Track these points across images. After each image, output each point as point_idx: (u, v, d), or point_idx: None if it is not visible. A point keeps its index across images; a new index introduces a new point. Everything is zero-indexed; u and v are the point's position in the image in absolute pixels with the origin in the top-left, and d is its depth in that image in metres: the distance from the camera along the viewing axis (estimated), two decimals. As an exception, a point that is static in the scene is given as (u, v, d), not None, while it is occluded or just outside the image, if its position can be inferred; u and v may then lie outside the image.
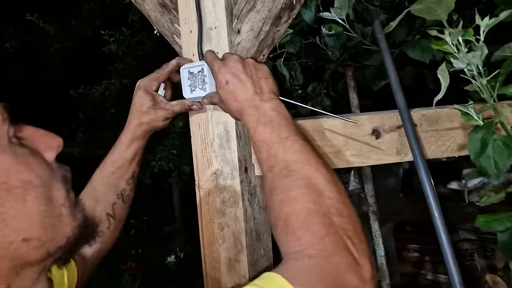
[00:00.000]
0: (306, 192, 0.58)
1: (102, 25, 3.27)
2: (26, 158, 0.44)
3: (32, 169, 0.44)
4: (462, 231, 2.33)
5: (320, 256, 0.52)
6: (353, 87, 1.53)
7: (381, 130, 0.89)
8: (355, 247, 0.53)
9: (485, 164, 0.69)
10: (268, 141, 0.65)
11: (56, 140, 0.48)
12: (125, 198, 0.86)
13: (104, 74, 3.30)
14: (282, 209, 0.58)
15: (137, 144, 0.85)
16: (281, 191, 0.60)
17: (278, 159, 0.63)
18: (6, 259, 0.41)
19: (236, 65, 0.73)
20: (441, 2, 0.60)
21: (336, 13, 1.07)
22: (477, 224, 0.81)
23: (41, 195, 0.43)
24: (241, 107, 0.71)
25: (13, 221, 0.41)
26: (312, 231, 0.54)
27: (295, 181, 0.60)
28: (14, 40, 3.44)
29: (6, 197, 0.41)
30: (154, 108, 0.83)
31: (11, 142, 0.43)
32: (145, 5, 0.91)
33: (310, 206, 0.56)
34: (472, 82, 0.72)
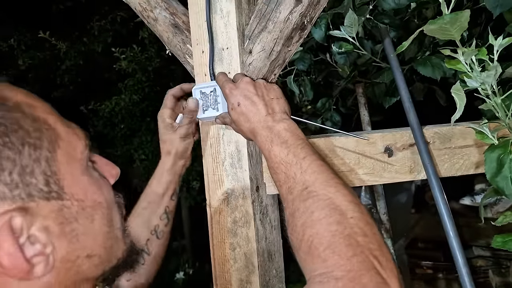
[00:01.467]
0: (329, 214, 0.57)
1: (113, 42, 3.33)
2: (98, 180, 0.49)
3: (102, 191, 0.48)
4: (476, 248, 2.28)
5: (347, 277, 0.50)
6: (364, 103, 1.53)
7: (394, 148, 0.88)
8: (382, 266, 0.52)
9: (502, 184, 0.68)
10: (284, 162, 0.65)
11: (116, 169, 0.53)
12: (159, 234, 0.84)
13: (114, 90, 3.34)
14: (305, 231, 0.57)
15: (167, 176, 0.84)
16: (303, 214, 0.59)
17: (297, 181, 0.62)
18: (72, 272, 0.44)
19: (247, 86, 0.73)
20: (455, 22, 0.60)
21: (346, 31, 1.07)
22: (494, 245, 0.79)
23: (106, 216, 0.48)
24: (254, 129, 0.71)
25: (82, 237, 0.44)
26: (339, 253, 0.53)
27: (316, 202, 0.59)
28: (27, 57, 3.51)
29: (80, 214, 0.44)
30: (169, 134, 0.85)
31: (87, 165, 0.48)
32: (157, 26, 0.92)
33: (334, 227, 0.55)
34: (486, 101, 0.71)
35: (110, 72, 3.46)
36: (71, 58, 3.38)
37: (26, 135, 0.41)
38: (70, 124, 0.48)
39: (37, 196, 0.40)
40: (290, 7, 0.77)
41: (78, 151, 0.46)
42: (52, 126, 0.44)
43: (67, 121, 0.48)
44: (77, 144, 0.47)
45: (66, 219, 0.43)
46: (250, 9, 0.84)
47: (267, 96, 0.73)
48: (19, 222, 0.38)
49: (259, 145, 0.71)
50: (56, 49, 3.39)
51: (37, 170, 0.41)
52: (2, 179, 0.38)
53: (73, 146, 0.46)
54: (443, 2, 0.65)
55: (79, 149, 0.47)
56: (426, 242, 2.49)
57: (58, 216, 0.42)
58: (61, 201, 0.42)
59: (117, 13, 3.38)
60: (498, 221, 0.79)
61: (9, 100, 0.42)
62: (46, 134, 0.43)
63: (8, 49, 3.52)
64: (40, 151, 0.42)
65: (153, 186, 0.84)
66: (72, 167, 0.45)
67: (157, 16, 0.91)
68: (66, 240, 0.42)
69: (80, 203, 0.44)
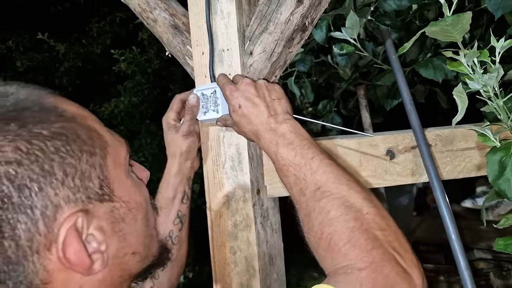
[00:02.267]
0: (345, 212, 0.58)
1: (112, 43, 3.32)
2: (138, 183, 0.51)
3: (142, 192, 0.51)
4: (477, 250, 2.27)
5: (370, 268, 0.52)
6: (365, 106, 1.52)
7: (396, 150, 0.87)
8: (401, 257, 0.54)
9: (504, 187, 0.67)
10: (293, 164, 0.65)
11: (147, 172, 0.55)
12: (174, 240, 0.83)
13: (113, 92, 3.33)
14: (323, 230, 0.59)
15: (174, 180, 0.83)
16: (319, 214, 0.60)
17: (308, 182, 0.63)
18: (120, 268, 0.47)
19: (248, 88, 0.72)
20: (456, 24, 0.59)
21: (347, 33, 1.07)
22: (496, 248, 0.78)
23: (145, 216, 0.50)
24: (257, 131, 0.70)
25: (128, 236, 0.47)
26: (359, 246, 0.55)
27: (331, 201, 0.60)
28: (25, 59, 3.50)
29: (127, 214, 0.47)
30: (171, 134, 0.83)
31: (129, 169, 0.51)
32: (157, 27, 0.91)
33: (352, 224, 0.57)
34: (488, 103, 0.71)
35: (109, 74, 3.45)
36: (69, 60, 3.37)
37: (83, 143, 0.44)
38: (113, 132, 0.51)
39: (94, 199, 0.44)
40: (291, 8, 0.76)
41: (122, 157, 0.49)
42: (101, 134, 0.48)
43: (110, 130, 0.51)
44: (120, 150, 0.49)
45: (116, 219, 0.46)
46: (251, 10, 0.84)
47: (268, 97, 0.72)
48: (81, 222, 0.42)
49: (263, 148, 0.70)
50: (55, 50, 3.38)
51: (93, 175, 0.44)
52: (67, 184, 0.42)
53: (118, 152, 0.49)
54: (444, 4, 0.64)
55: (122, 154, 0.50)
56: (427, 245, 2.48)
57: (110, 217, 0.45)
58: (112, 203, 0.46)
59: (116, 14, 3.37)
60: (500, 224, 0.78)
61: (66, 112, 0.46)
62: (98, 142, 0.46)
63: (6, 51, 3.51)
64: (94, 157, 0.45)
65: (163, 191, 0.83)
66: (118, 171, 0.48)
67: (157, 17, 0.90)
68: (116, 239, 0.46)
69: (127, 204, 0.47)
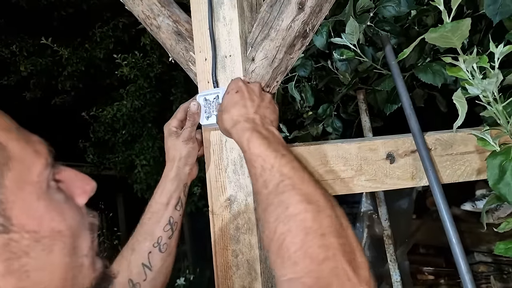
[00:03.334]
0: (304, 209, 0.54)
1: (115, 48, 3.35)
2: (60, 204, 0.42)
3: (64, 217, 0.41)
4: (477, 254, 2.27)
5: (317, 285, 0.48)
6: (365, 110, 1.54)
7: (396, 154, 0.88)
8: (354, 273, 0.49)
9: (504, 191, 0.68)
10: (264, 155, 0.62)
11: (90, 184, 0.46)
12: (162, 247, 0.79)
13: (116, 96, 3.35)
14: (277, 228, 0.54)
15: (171, 185, 0.81)
16: (276, 208, 0.56)
17: (274, 173, 0.60)
18: None
19: (253, 86, 0.77)
20: (456, 30, 0.61)
21: (347, 39, 1.08)
22: (497, 252, 0.79)
23: (68, 245, 0.41)
24: (237, 119, 0.71)
25: (34, 273, 0.38)
26: (311, 255, 0.50)
27: (292, 196, 0.56)
28: (28, 63, 3.52)
29: (33, 247, 0.38)
30: (172, 140, 0.84)
31: (49, 187, 0.41)
32: (160, 34, 0.93)
33: (309, 224, 0.53)
34: (487, 108, 0.72)
35: (111, 78, 3.48)
36: (73, 64, 3.40)
37: None
38: (31, 137, 0.41)
39: None
40: (292, 15, 0.78)
41: (34, 173, 0.40)
42: (3, 144, 0.38)
43: (28, 134, 0.41)
44: (34, 164, 0.40)
45: (13, 254, 0.37)
46: (253, 17, 0.85)
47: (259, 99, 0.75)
48: None
49: (237, 135, 0.69)
50: (58, 55, 3.41)
51: None
52: None
53: (28, 167, 0.39)
54: (444, 11, 0.66)
55: (36, 170, 0.40)
56: (427, 248, 2.48)
57: (4, 252, 0.36)
58: (7, 235, 0.37)
59: (119, 19, 3.40)
60: (501, 228, 0.79)
61: None
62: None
63: (10, 55, 3.55)
64: None
65: (157, 196, 0.82)
66: (25, 193, 0.38)
67: (160, 23, 0.92)
68: (15, 278, 0.37)
69: (33, 234, 0.38)
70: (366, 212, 2.22)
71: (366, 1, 1.10)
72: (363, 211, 2.17)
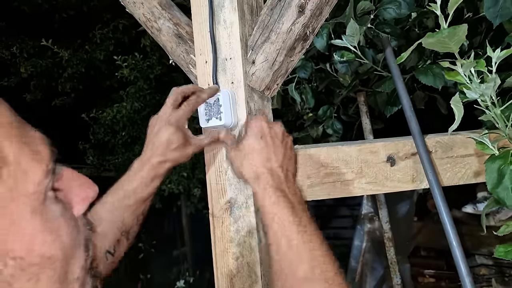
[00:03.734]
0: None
1: (115, 50, 3.36)
2: (55, 220, 0.34)
3: (58, 236, 0.34)
4: (478, 256, 2.27)
5: None
6: (366, 112, 1.54)
7: (396, 157, 0.88)
8: None
9: (503, 195, 0.68)
10: (286, 223, 0.63)
11: (92, 189, 0.39)
12: (130, 236, 0.76)
13: (116, 97, 3.35)
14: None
15: (157, 182, 0.76)
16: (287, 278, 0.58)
17: (292, 247, 0.60)
18: None
19: (277, 128, 0.72)
20: (453, 36, 0.61)
21: (348, 41, 1.08)
22: (497, 255, 0.79)
23: (58, 271, 0.34)
24: (261, 169, 0.68)
25: None
26: None
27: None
28: (29, 64, 3.53)
29: (18, 277, 0.31)
30: (184, 145, 0.76)
31: (45, 198, 0.34)
32: (161, 36, 0.93)
33: None
34: (486, 112, 0.72)
35: (111, 80, 3.48)
36: (73, 66, 3.41)
37: None
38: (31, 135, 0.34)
39: None
40: (292, 18, 0.78)
41: (31, 182, 0.32)
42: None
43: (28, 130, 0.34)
44: (32, 170, 0.33)
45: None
46: (253, 20, 0.85)
47: (285, 149, 0.72)
48: None
49: (259, 189, 0.68)
50: (58, 57, 3.42)
51: None
52: None
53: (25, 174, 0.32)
54: (441, 16, 0.66)
55: (34, 178, 0.33)
56: (428, 250, 2.48)
57: None
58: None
59: (119, 21, 3.41)
60: (500, 231, 0.79)
61: None
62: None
63: (10, 57, 3.55)
64: None
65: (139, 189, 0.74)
66: (17, 207, 0.31)
67: (161, 26, 0.92)
68: None
69: (19, 262, 0.31)
70: (367, 215, 2.22)
71: (367, 3, 1.10)
72: (363, 214, 2.17)
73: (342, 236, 4.83)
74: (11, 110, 0.34)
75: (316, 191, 0.86)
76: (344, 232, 4.81)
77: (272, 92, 0.87)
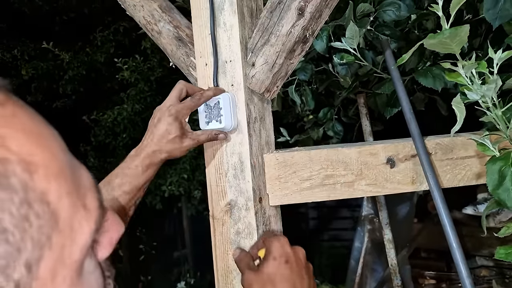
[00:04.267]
0: None
1: (115, 52, 3.36)
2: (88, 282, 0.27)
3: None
4: (479, 258, 2.27)
5: None
6: (366, 114, 1.54)
7: (396, 159, 0.88)
8: None
9: (504, 196, 0.68)
10: None
11: (119, 230, 0.31)
12: None
13: (116, 100, 3.36)
14: None
15: (152, 171, 0.77)
16: None
17: None
18: None
19: (299, 252, 0.67)
20: (454, 37, 0.61)
21: (348, 43, 1.09)
22: (497, 257, 0.79)
23: None
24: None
25: None
26: None
27: None
28: (30, 67, 3.54)
29: None
30: (180, 138, 0.76)
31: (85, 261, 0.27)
32: (161, 39, 0.93)
33: None
34: (487, 113, 0.72)
35: (112, 82, 3.49)
36: (74, 68, 3.42)
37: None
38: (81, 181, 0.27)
39: None
40: (292, 20, 0.78)
41: (78, 247, 0.25)
42: (53, 205, 0.23)
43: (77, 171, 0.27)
44: (81, 231, 0.25)
45: None
46: (253, 23, 0.86)
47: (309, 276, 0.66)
48: None
49: None
50: (59, 59, 3.42)
51: None
52: None
53: (73, 240, 0.25)
54: (442, 17, 0.66)
55: (81, 242, 0.25)
56: (428, 252, 2.48)
57: None
58: None
59: (120, 23, 3.42)
60: (501, 233, 0.79)
61: None
62: (35, 228, 0.22)
63: (11, 59, 3.56)
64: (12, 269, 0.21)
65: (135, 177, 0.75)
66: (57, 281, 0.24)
67: (161, 29, 0.93)
68: None
69: None
70: (367, 216, 2.23)
71: (366, 5, 1.10)
72: (364, 215, 2.18)
73: (343, 237, 4.83)
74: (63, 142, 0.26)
75: (316, 192, 0.87)
76: (344, 234, 4.81)
77: (272, 95, 0.87)
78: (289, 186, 0.86)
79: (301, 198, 0.87)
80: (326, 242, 5.10)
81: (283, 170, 0.87)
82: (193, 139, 0.78)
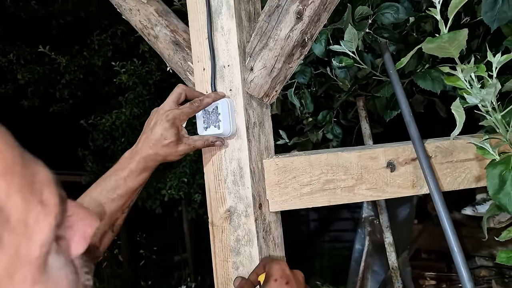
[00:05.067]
0: None
1: (113, 56, 3.36)
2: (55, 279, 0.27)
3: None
4: (478, 258, 2.27)
5: None
6: (365, 117, 1.53)
7: (396, 163, 0.88)
8: None
9: (505, 201, 0.67)
10: None
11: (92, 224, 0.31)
12: (115, 229, 0.76)
13: (114, 104, 3.35)
14: None
15: (147, 174, 0.77)
16: None
17: None
18: None
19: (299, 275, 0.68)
20: (453, 41, 0.60)
21: (346, 46, 1.08)
22: (499, 261, 0.78)
23: None
24: None
25: None
26: None
27: None
28: (26, 71, 3.53)
29: None
30: (176, 143, 0.76)
31: (48, 257, 0.26)
32: (158, 44, 0.92)
33: None
34: (486, 117, 0.72)
35: (110, 86, 3.48)
36: (71, 72, 3.41)
37: None
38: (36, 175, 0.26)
39: None
40: (290, 24, 0.78)
41: (35, 246, 0.25)
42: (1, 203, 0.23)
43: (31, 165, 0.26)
44: (38, 230, 0.25)
45: None
46: (251, 27, 0.85)
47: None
48: None
49: None
50: (56, 63, 3.41)
51: None
52: None
53: (30, 237, 0.24)
54: (441, 21, 0.65)
55: (40, 239, 0.25)
56: (429, 253, 2.48)
57: None
58: None
59: (117, 27, 3.41)
60: (502, 237, 0.79)
61: None
62: None
63: (7, 63, 3.54)
64: None
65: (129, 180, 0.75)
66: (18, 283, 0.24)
67: (158, 33, 0.92)
68: None
69: None
70: (368, 218, 2.22)
71: (365, 8, 1.10)
72: (364, 217, 2.17)
73: (343, 238, 4.82)
74: (11, 138, 0.25)
75: (316, 198, 0.86)
76: (345, 235, 4.81)
77: (271, 99, 0.86)
78: (289, 191, 0.86)
79: (301, 204, 0.86)
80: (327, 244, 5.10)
81: (283, 176, 0.86)
82: (189, 144, 0.78)
